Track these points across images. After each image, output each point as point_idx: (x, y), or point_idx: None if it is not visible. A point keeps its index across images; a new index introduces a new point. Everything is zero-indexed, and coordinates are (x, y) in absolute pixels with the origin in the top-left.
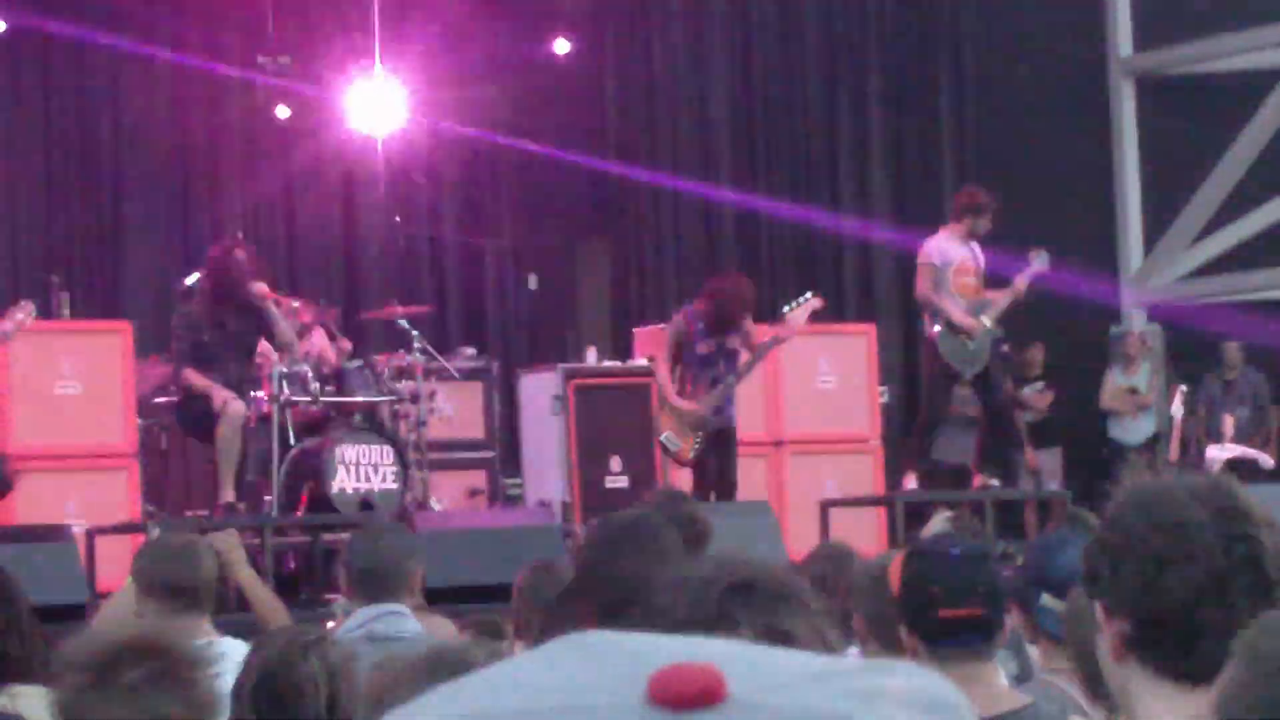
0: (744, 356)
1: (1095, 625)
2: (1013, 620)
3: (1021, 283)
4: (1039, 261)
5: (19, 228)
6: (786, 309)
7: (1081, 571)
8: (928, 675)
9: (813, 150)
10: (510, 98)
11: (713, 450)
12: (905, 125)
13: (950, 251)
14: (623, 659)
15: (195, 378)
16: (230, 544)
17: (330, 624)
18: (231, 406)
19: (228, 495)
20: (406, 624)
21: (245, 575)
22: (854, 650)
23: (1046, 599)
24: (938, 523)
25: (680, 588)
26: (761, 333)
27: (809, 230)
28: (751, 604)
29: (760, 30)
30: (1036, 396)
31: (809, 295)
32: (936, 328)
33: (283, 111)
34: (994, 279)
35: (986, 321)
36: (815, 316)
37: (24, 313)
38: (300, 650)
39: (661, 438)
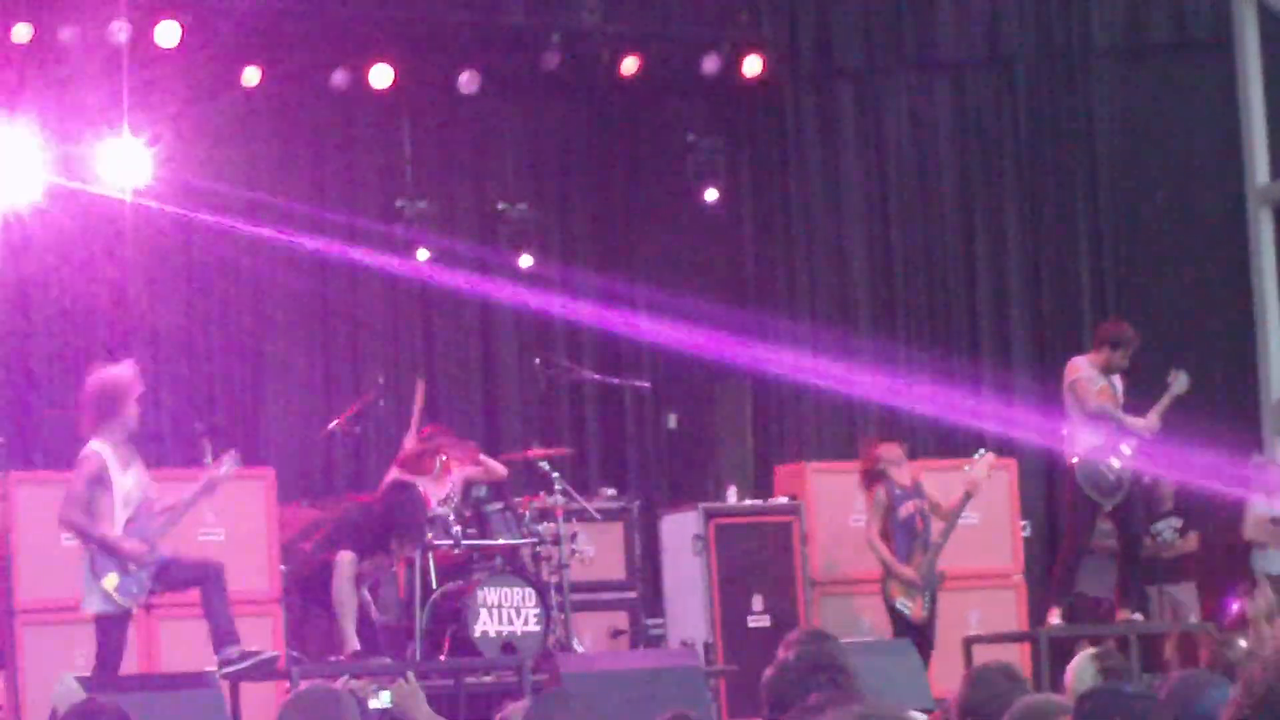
0: (940, 513)
1: None
2: None
3: (1159, 410)
4: (1178, 385)
5: (162, 376)
6: (966, 468)
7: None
8: None
9: (949, 296)
10: (652, 241)
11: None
12: (1043, 263)
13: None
14: None
15: None
16: (408, 691)
17: None
18: (341, 556)
19: (353, 646)
20: None
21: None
22: None
23: None
24: (1082, 660)
25: None
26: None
27: (946, 367)
28: None
29: (897, 176)
30: (1181, 542)
31: (983, 451)
32: (1075, 459)
33: (422, 255)
34: (1132, 408)
35: (1127, 450)
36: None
37: (231, 461)
38: None
39: (896, 604)
